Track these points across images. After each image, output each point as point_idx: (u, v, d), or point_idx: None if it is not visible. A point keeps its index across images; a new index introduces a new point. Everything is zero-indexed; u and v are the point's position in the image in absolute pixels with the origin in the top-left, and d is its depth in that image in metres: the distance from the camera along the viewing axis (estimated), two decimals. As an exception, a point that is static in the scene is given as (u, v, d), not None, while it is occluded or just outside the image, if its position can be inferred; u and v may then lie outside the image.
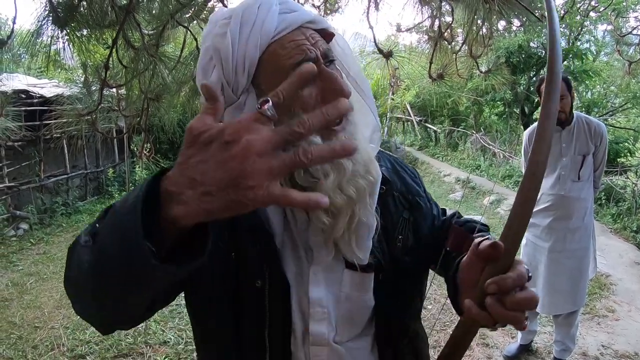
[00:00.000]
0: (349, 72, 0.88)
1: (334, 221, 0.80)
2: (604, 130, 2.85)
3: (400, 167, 1.03)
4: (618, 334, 3.55)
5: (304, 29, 0.79)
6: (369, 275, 0.88)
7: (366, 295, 0.89)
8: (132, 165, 8.66)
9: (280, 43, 0.77)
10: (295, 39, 0.77)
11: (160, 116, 2.78)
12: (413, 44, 3.13)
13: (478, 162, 11.11)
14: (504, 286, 0.64)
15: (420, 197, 1.01)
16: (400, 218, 0.94)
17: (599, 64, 12.11)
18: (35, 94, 6.69)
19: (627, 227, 6.18)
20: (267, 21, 0.76)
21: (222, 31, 0.78)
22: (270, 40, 0.77)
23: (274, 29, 0.77)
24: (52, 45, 2.21)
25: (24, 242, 6.31)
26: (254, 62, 0.77)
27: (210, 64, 0.80)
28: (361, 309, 0.90)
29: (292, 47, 0.77)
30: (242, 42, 0.77)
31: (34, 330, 3.77)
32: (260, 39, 0.76)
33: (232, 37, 0.77)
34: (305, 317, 0.86)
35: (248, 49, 0.76)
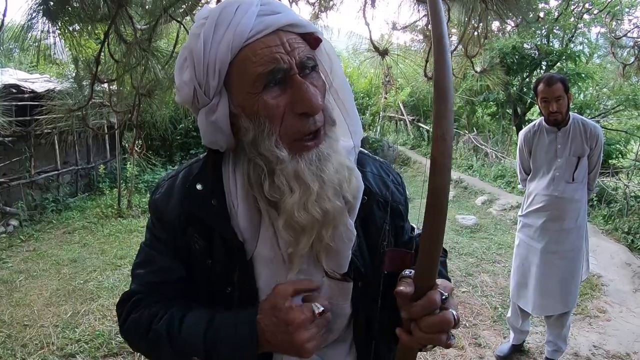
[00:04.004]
0: (332, 83, 0.85)
1: (297, 238, 0.80)
2: (600, 133, 2.85)
3: (385, 173, 1.01)
4: (609, 334, 3.56)
5: (284, 32, 0.76)
6: (348, 284, 0.89)
7: (345, 304, 0.90)
8: (124, 162, 8.59)
9: (253, 48, 0.75)
10: (270, 44, 0.75)
11: (152, 112, 2.74)
12: (407, 43, 3.12)
13: (470, 162, 11.15)
14: (413, 313, 0.73)
15: (401, 206, 1.01)
16: (383, 225, 0.94)
17: (592, 66, 12.19)
18: (26, 88, 6.60)
19: (619, 228, 6.22)
20: (242, 23, 0.74)
21: (197, 32, 0.77)
22: (243, 43, 0.74)
23: (248, 31, 0.74)
24: (43, 39, 2.18)
25: (13, 238, 6.24)
26: (224, 65, 0.76)
27: (184, 64, 0.79)
28: (339, 316, 0.91)
29: (264, 53, 0.74)
30: (215, 43, 0.75)
31: (23, 329, 3.72)
32: (232, 41, 0.74)
33: (205, 38, 0.75)
34: None
35: (219, 51, 0.75)
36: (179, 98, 0.83)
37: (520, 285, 3.04)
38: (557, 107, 2.72)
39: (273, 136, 0.77)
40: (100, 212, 7.38)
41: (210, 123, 0.80)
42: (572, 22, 10.57)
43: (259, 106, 0.76)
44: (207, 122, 0.81)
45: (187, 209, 0.88)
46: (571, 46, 11.61)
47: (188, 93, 0.80)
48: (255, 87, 0.75)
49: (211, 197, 0.85)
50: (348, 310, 0.91)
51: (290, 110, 0.76)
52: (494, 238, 6.09)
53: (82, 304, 4.16)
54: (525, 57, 11.33)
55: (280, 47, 0.75)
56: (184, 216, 0.88)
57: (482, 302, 4.08)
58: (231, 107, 0.80)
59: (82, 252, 5.68)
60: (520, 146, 3.04)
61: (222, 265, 0.86)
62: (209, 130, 0.82)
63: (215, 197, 0.85)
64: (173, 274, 0.92)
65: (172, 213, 0.90)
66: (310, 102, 0.74)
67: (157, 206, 0.94)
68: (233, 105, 0.79)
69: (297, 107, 0.75)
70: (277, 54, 0.74)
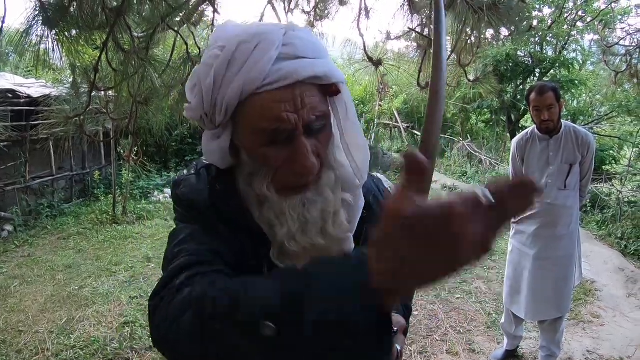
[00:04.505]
0: (343, 132, 0.84)
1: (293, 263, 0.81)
2: (591, 140, 2.88)
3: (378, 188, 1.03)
4: (603, 339, 3.59)
5: (300, 85, 0.73)
6: None
7: None
8: (119, 168, 8.58)
9: (262, 99, 0.72)
10: (280, 99, 0.72)
11: (148, 119, 2.76)
12: (402, 51, 3.16)
13: (464, 169, 11.19)
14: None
15: None
16: None
17: (585, 73, 12.28)
18: (22, 93, 6.60)
19: (612, 233, 6.27)
20: (257, 68, 0.71)
21: (209, 62, 0.75)
22: (255, 90, 0.72)
23: (261, 79, 0.71)
24: (40, 44, 2.19)
25: (8, 244, 6.21)
26: (232, 107, 0.74)
27: (194, 90, 0.78)
28: None
29: (272, 108, 0.72)
30: (226, 83, 0.73)
31: (18, 334, 3.71)
32: (243, 85, 0.71)
33: (215, 75, 0.73)
34: None
35: (228, 93, 0.72)
36: (187, 115, 0.82)
37: (513, 291, 3.07)
38: (549, 116, 2.76)
39: (266, 180, 0.79)
40: (95, 218, 7.35)
41: (212, 145, 0.82)
42: (566, 29, 10.66)
43: (259, 154, 0.77)
44: (210, 143, 0.82)
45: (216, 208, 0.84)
46: (564, 53, 11.68)
47: (195, 115, 0.80)
48: (259, 139, 0.75)
49: (232, 196, 0.85)
50: None
51: (286, 164, 0.76)
52: (488, 244, 6.12)
53: (77, 310, 4.15)
54: (519, 65, 11.39)
55: (290, 104, 0.72)
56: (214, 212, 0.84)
57: (477, 308, 4.10)
58: (234, 139, 0.80)
59: (77, 258, 5.66)
60: (513, 154, 3.07)
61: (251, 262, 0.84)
62: (210, 151, 0.83)
63: (234, 198, 0.85)
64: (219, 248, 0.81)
65: (203, 205, 0.85)
66: (305, 168, 0.75)
67: (185, 197, 0.88)
68: (236, 139, 0.80)
69: (292, 166, 0.76)
70: (285, 113, 0.72)
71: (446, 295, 4.39)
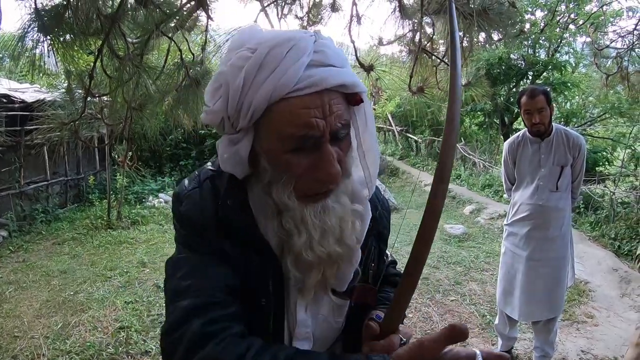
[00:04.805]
0: (361, 143, 0.84)
1: (307, 274, 0.84)
2: (582, 143, 2.91)
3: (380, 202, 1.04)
4: (597, 339, 3.62)
5: (328, 92, 0.73)
6: (346, 301, 0.93)
7: (340, 319, 0.95)
8: (114, 173, 8.57)
9: (292, 104, 0.72)
10: (309, 105, 0.72)
11: (142, 124, 2.77)
12: (395, 55, 3.18)
13: (458, 172, 11.24)
14: (374, 350, 0.79)
15: (386, 231, 1.05)
16: (372, 248, 0.97)
17: (578, 75, 12.38)
18: (16, 98, 6.59)
19: (605, 234, 6.32)
20: (289, 74, 0.70)
21: (239, 64, 0.73)
22: (284, 95, 0.71)
23: (292, 85, 0.71)
24: (35, 49, 2.20)
25: (2, 249, 6.19)
26: (259, 111, 0.73)
27: (217, 92, 0.76)
28: (334, 330, 0.96)
29: (301, 114, 0.72)
30: (255, 86, 0.72)
31: (13, 340, 3.70)
32: (273, 90, 0.71)
33: (245, 77, 0.72)
34: (291, 335, 0.90)
35: (257, 97, 0.72)
36: (205, 119, 0.80)
37: (506, 292, 3.09)
38: (540, 119, 2.79)
39: (288, 188, 0.78)
40: (89, 223, 7.35)
41: (230, 151, 0.80)
42: (558, 32, 10.75)
43: (282, 161, 0.76)
44: (228, 149, 0.80)
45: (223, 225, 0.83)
46: (557, 56, 11.78)
47: (216, 119, 0.78)
48: (284, 145, 0.75)
49: (242, 213, 0.84)
50: (342, 325, 0.96)
51: (309, 171, 0.76)
52: (482, 247, 6.16)
53: (72, 315, 4.14)
54: (512, 68, 11.49)
55: (319, 110, 0.72)
56: (218, 228, 0.83)
57: (471, 310, 4.13)
58: (255, 145, 0.79)
59: (72, 264, 5.65)
60: (505, 156, 3.11)
61: (258, 277, 0.84)
62: (227, 157, 0.81)
63: (245, 213, 0.84)
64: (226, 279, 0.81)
65: (205, 224, 0.84)
66: (330, 175, 0.75)
67: (189, 217, 0.86)
68: (258, 145, 0.79)
69: (316, 173, 0.76)
70: (314, 119, 0.72)
71: (440, 297, 4.41)
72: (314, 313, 0.92)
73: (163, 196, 9.24)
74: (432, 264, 5.34)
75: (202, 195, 0.87)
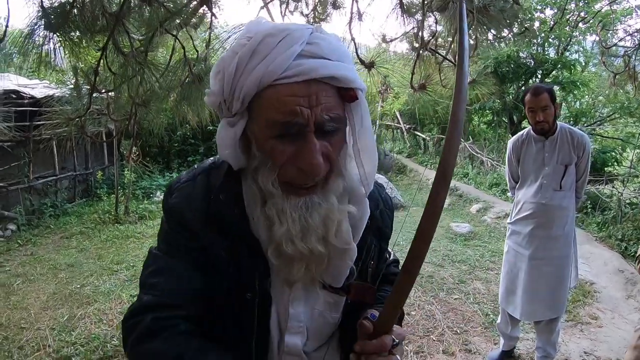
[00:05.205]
0: (357, 140, 0.83)
1: (289, 265, 0.85)
2: (587, 141, 2.90)
3: (383, 200, 1.03)
4: (601, 340, 3.60)
5: (317, 83, 0.74)
6: (342, 297, 0.94)
7: (336, 314, 0.97)
8: (121, 168, 8.64)
9: (279, 91, 0.74)
10: (296, 93, 0.73)
11: (150, 120, 2.79)
12: (403, 52, 3.17)
13: (466, 170, 11.19)
14: (365, 349, 0.82)
15: (387, 230, 1.05)
16: (372, 246, 0.97)
17: (588, 74, 12.27)
18: (25, 94, 6.66)
19: (612, 235, 6.27)
20: (278, 61, 0.72)
21: (236, 50, 0.77)
22: (272, 81, 0.73)
23: (280, 72, 0.72)
24: (43, 46, 2.23)
25: (11, 243, 6.28)
26: (249, 96, 0.76)
27: (217, 76, 0.80)
28: (329, 325, 0.98)
29: (287, 101, 0.73)
30: (246, 72, 0.74)
31: (20, 331, 3.76)
32: (262, 76, 0.73)
33: (238, 63, 0.75)
34: (282, 328, 0.92)
35: (247, 83, 0.74)
36: (207, 101, 0.84)
37: (508, 291, 3.09)
38: (544, 117, 2.77)
39: (272, 175, 0.80)
40: (97, 218, 7.42)
41: (226, 134, 0.82)
42: (568, 30, 10.67)
43: (268, 146, 0.78)
44: (224, 131, 0.83)
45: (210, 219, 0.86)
46: (566, 55, 11.69)
47: (215, 101, 0.81)
48: (270, 131, 0.76)
49: (234, 207, 0.86)
50: (337, 320, 0.98)
51: (292, 159, 0.77)
52: (487, 246, 6.14)
53: (78, 307, 4.20)
54: (521, 66, 11.40)
55: (305, 99, 0.73)
56: (206, 223, 0.87)
57: (474, 309, 4.12)
58: (247, 130, 0.81)
59: (79, 257, 5.72)
60: (509, 155, 3.10)
61: (245, 271, 0.86)
62: (223, 141, 0.83)
63: (237, 207, 0.86)
64: (193, 282, 0.87)
65: (192, 219, 0.87)
66: (311, 165, 0.75)
67: (176, 210, 0.90)
68: (249, 130, 0.81)
69: (298, 162, 0.76)
70: (299, 107, 0.73)
71: (444, 295, 4.41)
72: (309, 307, 0.93)
73: (168, 193, 9.27)
74: (437, 262, 5.34)
75: (194, 189, 0.90)
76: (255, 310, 0.88)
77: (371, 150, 0.84)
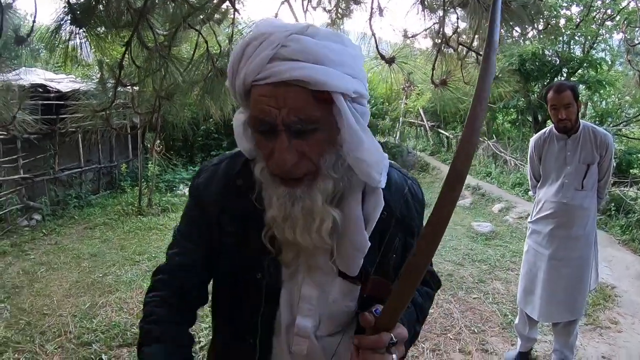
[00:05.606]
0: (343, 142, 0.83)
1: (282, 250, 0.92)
2: (610, 141, 2.85)
3: (411, 193, 1.04)
4: (620, 345, 3.53)
5: (286, 86, 0.76)
6: (357, 286, 0.96)
7: (351, 303, 0.98)
8: (145, 161, 8.78)
9: (256, 91, 0.80)
10: (266, 94, 0.78)
11: (174, 114, 2.84)
12: (427, 48, 3.15)
13: (489, 169, 11.06)
14: (362, 343, 0.82)
15: (414, 224, 1.04)
16: (396, 239, 0.98)
17: (614, 73, 11.99)
18: (52, 88, 6.82)
19: (636, 239, 6.13)
20: (254, 64, 0.78)
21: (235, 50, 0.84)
22: (252, 82, 0.79)
23: (256, 74, 0.78)
24: (70, 40, 2.29)
25: (36, 232, 6.45)
26: (241, 93, 0.84)
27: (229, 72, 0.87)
28: (344, 313, 0.99)
29: (260, 101, 0.79)
30: (238, 72, 0.82)
31: (42, 317, 3.86)
32: (245, 77, 0.80)
33: (232, 63, 0.83)
34: (293, 310, 0.95)
35: (237, 82, 0.82)
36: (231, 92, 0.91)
37: (527, 291, 3.05)
38: (566, 115, 2.74)
39: (262, 164, 0.87)
40: (121, 210, 7.56)
41: (237, 123, 0.91)
42: (594, 28, 10.43)
43: (256, 139, 0.87)
44: (236, 122, 0.91)
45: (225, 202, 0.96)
46: (593, 53, 11.44)
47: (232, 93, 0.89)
48: (253, 126, 0.84)
49: (248, 191, 0.92)
50: (353, 308, 0.98)
51: (270, 154, 0.83)
52: (509, 246, 6.07)
53: (100, 296, 4.30)
54: (546, 64, 11.20)
55: (273, 100, 0.77)
56: (221, 205, 0.96)
57: (493, 308, 4.09)
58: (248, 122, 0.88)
59: (102, 247, 5.85)
60: (531, 153, 3.06)
61: (256, 252, 0.92)
62: (237, 131, 0.91)
63: (251, 192, 0.92)
64: (196, 255, 1.00)
65: (209, 200, 0.98)
66: (280, 161, 0.80)
67: (198, 190, 1.02)
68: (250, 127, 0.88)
69: (273, 157, 0.82)
70: (267, 107, 0.78)
71: (463, 294, 4.38)
72: (325, 293, 0.95)
73: (193, 185, 9.40)
74: (457, 261, 5.32)
75: (216, 173, 1.01)
76: (263, 290, 0.94)
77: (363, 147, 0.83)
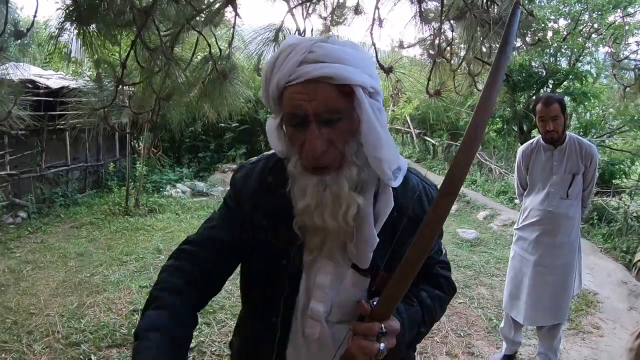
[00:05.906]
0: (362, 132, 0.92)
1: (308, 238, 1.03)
2: (594, 152, 2.95)
3: (426, 194, 1.12)
4: (602, 349, 3.63)
5: (315, 82, 0.90)
6: (366, 278, 1.05)
7: (360, 293, 1.06)
8: (133, 161, 8.73)
9: (289, 90, 0.93)
10: (298, 91, 0.91)
11: (171, 115, 2.86)
12: (418, 57, 3.22)
13: (474, 177, 11.17)
14: (354, 329, 0.94)
15: None
16: (409, 238, 0.99)
17: (599, 86, 12.21)
18: (41, 84, 6.76)
19: (617, 247, 6.28)
20: (285, 69, 0.91)
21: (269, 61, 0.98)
22: (285, 84, 0.92)
23: (288, 77, 0.91)
24: (59, 36, 2.29)
25: (21, 230, 6.38)
26: (275, 97, 0.96)
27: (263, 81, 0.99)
28: (353, 303, 1.05)
29: (293, 98, 0.92)
30: (272, 79, 0.95)
31: (29, 317, 3.83)
32: (278, 80, 0.93)
33: (266, 72, 0.97)
34: (309, 294, 1.07)
35: (271, 87, 0.95)
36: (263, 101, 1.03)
37: (512, 296, 3.14)
38: (554, 126, 2.83)
39: (295, 158, 0.98)
40: (107, 209, 7.51)
41: (271, 126, 1.02)
42: (580, 42, 10.64)
43: (289, 134, 0.98)
44: (270, 124, 1.02)
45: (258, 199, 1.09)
46: (578, 66, 11.65)
47: (265, 101, 1.01)
48: (289, 120, 0.96)
49: (278, 188, 1.04)
50: (362, 298, 1.04)
51: (303, 144, 0.94)
52: (493, 252, 6.16)
53: (88, 296, 4.27)
54: (532, 75, 11.36)
55: (304, 95, 0.91)
56: (254, 203, 1.09)
57: (478, 313, 4.16)
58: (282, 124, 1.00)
59: (89, 247, 5.80)
60: (518, 162, 3.15)
61: (284, 242, 1.04)
62: (270, 132, 1.02)
63: (283, 187, 1.02)
64: (226, 234, 1.11)
65: (245, 196, 1.12)
66: (313, 148, 0.91)
67: (237, 183, 1.16)
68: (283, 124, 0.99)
69: (305, 145, 0.93)
70: (300, 101, 0.91)
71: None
72: (337, 282, 1.05)
73: (180, 186, 9.38)
74: (442, 267, 5.37)
75: (253, 170, 1.15)
76: (286, 275, 1.06)
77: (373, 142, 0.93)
